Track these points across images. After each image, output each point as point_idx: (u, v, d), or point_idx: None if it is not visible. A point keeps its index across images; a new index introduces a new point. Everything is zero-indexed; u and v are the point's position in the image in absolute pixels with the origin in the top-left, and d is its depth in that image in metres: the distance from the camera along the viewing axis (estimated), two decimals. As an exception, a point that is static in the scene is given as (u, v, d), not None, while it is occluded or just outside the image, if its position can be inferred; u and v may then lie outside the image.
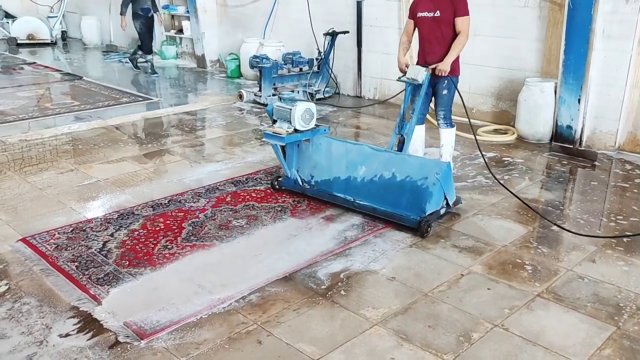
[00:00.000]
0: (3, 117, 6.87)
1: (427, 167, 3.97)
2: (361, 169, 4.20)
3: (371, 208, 4.07)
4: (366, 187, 4.16)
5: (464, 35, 4.50)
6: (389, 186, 4.05)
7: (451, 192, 4.05)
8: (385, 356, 2.68)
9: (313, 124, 4.33)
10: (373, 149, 4.29)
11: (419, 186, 3.92)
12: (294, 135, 4.25)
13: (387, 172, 4.07)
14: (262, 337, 2.82)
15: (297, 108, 4.18)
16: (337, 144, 4.46)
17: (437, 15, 4.55)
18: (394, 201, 4.00)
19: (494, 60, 6.52)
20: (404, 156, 4.23)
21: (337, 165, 4.34)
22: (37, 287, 3.24)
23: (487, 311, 3.03)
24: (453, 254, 3.64)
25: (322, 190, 4.37)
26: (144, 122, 6.90)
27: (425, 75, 4.50)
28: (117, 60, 11.14)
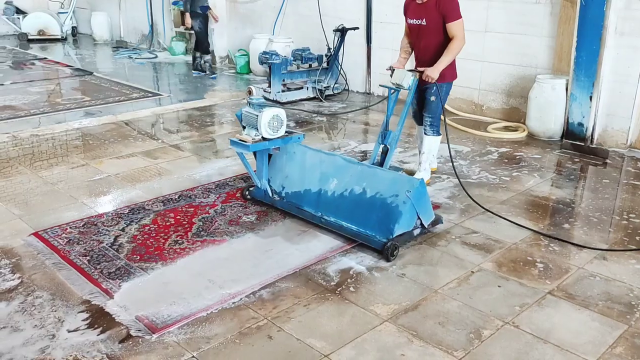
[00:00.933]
0: (15, 112, 6.92)
1: (399, 184, 3.63)
2: (333, 181, 3.90)
3: (338, 226, 3.74)
4: (336, 202, 3.84)
5: (458, 39, 4.26)
6: (358, 202, 3.74)
7: (426, 211, 3.69)
8: (396, 352, 2.69)
9: (282, 132, 3.98)
10: (346, 160, 4.00)
11: (389, 204, 3.59)
12: (260, 143, 3.92)
13: (358, 186, 3.77)
14: (272, 332, 2.83)
15: (264, 114, 3.83)
16: (312, 153, 4.15)
17: (423, 23, 4.36)
18: (363, 219, 3.67)
19: (504, 57, 6.49)
20: (376, 170, 3.90)
21: (310, 176, 4.04)
22: (50, 281, 3.27)
23: (498, 308, 3.03)
24: (463, 251, 3.63)
25: (291, 203, 4.07)
26: (154, 118, 6.92)
27: (412, 81, 4.24)
28: (127, 56, 11.18)
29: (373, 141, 5.91)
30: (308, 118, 6.82)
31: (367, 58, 7.92)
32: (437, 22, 4.31)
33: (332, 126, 6.68)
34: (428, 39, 4.39)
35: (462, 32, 4.28)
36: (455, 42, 4.26)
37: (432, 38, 4.38)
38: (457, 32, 4.26)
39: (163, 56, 11.12)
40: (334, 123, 6.77)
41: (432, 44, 4.38)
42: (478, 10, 6.53)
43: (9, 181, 4.78)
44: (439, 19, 4.30)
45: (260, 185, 4.21)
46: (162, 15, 11.52)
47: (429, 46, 4.39)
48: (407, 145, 5.82)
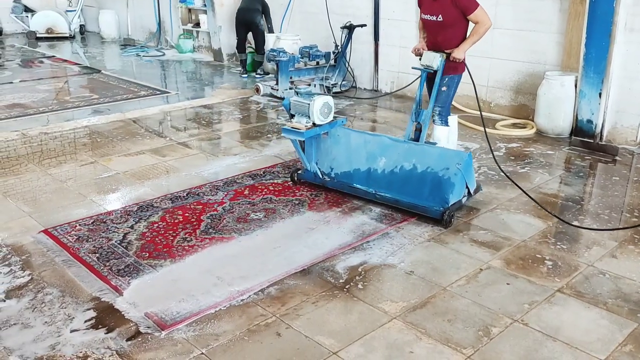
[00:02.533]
0: (24, 110, 6.96)
1: (448, 158, 3.95)
2: (381, 160, 4.19)
3: (394, 200, 4.06)
4: (387, 179, 4.15)
5: (482, 24, 4.30)
6: (410, 177, 4.05)
7: (472, 180, 4.04)
8: (405, 349, 2.68)
9: (331, 117, 4.31)
10: (392, 139, 4.28)
11: (441, 177, 3.91)
12: (313, 129, 4.23)
13: (408, 163, 4.06)
14: (281, 329, 2.84)
15: (316, 102, 4.15)
16: (356, 135, 4.43)
17: (439, 20, 4.35)
18: (416, 192, 3.99)
19: (513, 54, 6.45)
20: (424, 147, 4.20)
21: (357, 157, 4.32)
22: (59, 278, 3.29)
23: (507, 306, 3.02)
24: (472, 249, 3.62)
25: (342, 182, 4.36)
26: (162, 116, 6.94)
27: (440, 61, 4.37)
28: (135, 54, 11.21)
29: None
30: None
31: (374, 55, 7.90)
32: (455, 17, 4.32)
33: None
34: (446, 34, 4.40)
35: (486, 15, 4.32)
36: (479, 27, 4.32)
37: (450, 33, 4.39)
38: (481, 18, 4.30)
39: (170, 54, 11.14)
40: (341, 120, 6.76)
41: (451, 37, 4.40)
42: (487, 6, 6.36)
43: (18, 179, 4.81)
44: (457, 14, 4.31)
45: (310, 168, 4.49)
46: (170, 12, 11.54)
47: (448, 40, 4.40)
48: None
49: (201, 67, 10.03)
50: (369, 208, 4.18)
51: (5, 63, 10.30)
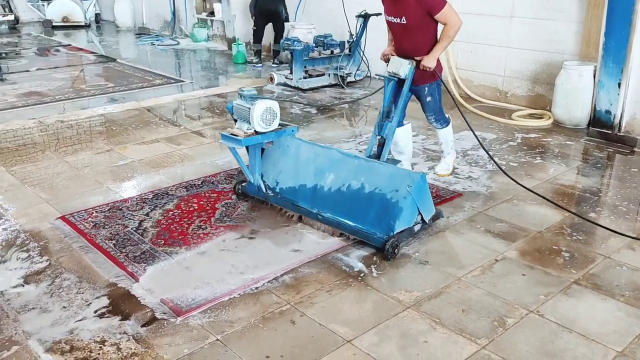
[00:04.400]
0: (40, 98, 7.02)
1: (399, 178, 3.46)
2: (329, 176, 3.73)
3: (336, 222, 3.58)
4: (333, 198, 3.67)
5: (451, 25, 3.88)
6: (356, 198, 3.57)
7: (428, 206, 3.54)
8: (419, 339, 2.68)
9: (275, 125, 3.79)
10: (342, 154, 3.83)
11: (388, 200, 3.43)
12: (252, 137, 3.74)
13: (356, 181, 3.60)
14: (295, 317, 2.85)
15: (257, 107, 3.65)
16: (306, 147, 3.96)
17: (403, 22, 3.93)
18: (361, 215, 3.51)
19: (530, 43, 6.37)
20: (374, 164, 3.70)
21: (304, 171, 3.86)
22: (77, 264, 3.33)
23: (522, 297, 3.00)
24: (487, 239, 3.60)
25: (286, 199, 3.90)
26: (176, 104, 6.96)
27: (408, 69, 3.97)
28: (150, 42, 11.24)
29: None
30: (329, 105, 6.80)
31: (389, 44, 7.83)
32: (420, 19, 3.90)
33: (353, 113, 6.65)
34: (413, 39, 3.99)
35: (455, 15, 3.90)
36: (448, 29, 3.90)
37: (417, 37, 3.97)
38: (448, 18, 3.89)
39: (185, 43, 11.16)
40: (355, 110, 6.74)
41: (419, 42, 3.99)
42: (504, -5, 6.41)
43: (36, 166, 4.86)
44: (422, 15, 3.89)
45: (253, 180, 4.02)
46: (184, 1, 11.54)
47: (416, 46, 4.00)
48: (431, 132, 5.76)
49: (215, 56, 10.03)
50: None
51: (22, 51, 10.39)
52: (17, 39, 11.96)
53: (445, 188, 4.36)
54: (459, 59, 7.07)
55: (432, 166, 4.82)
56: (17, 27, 13.31)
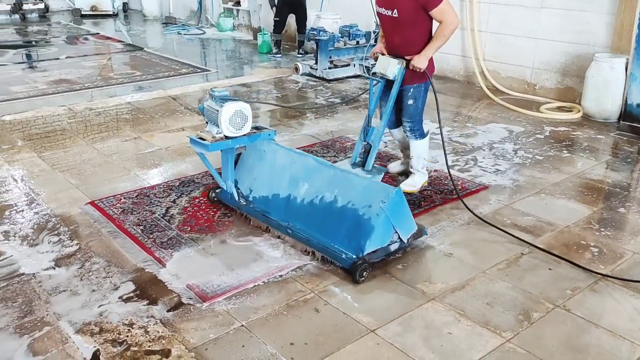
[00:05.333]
0: (70, 86, 7.14)
1: (372, 192, 3.14)
2: (303, 186, 3.43)
3: (305, 238, 3.28)
4: (306, 210, 3.38)
5: (447, 23, 3.56)
6: (329, 212, 3.27)
7: (405, 223, 3.20)
8: (443, 330, 2.68)
9: (247, 129, 3.52)
10: (318, 162, 3.49)
11: (360, 216, 3.12)
12: (221, 142, 3.46)
13: (330, 193, 3.30)
14: (319, 305, 2.87)
15: (224, 110, 3.37)
16: (283, 153, 3.66)
17: (395, 15, 3.60)
18: (333, 231, 3.20)
19: (561, 34, 6.25)
20: (349, 175, 3.38)
21: (279, 179, 3.57)
22: (105, 248, 3.40)
23: (548, 291, 2.97)
24: (513, 232, 3.56)
25: (257, 209, 3.60)
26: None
27: (397, 69, 3.66)
28: (176, 32, 11.33)
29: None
30: (354, 95, 6.78)
31: (416, 35, 7.77)
32: (413, 13, 3.57)
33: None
34: (404, 36, 3.66)
35: (451, 13, 3.57)
36: (443, 28, 3.59)
37: (409, 34, 3.65)
38: (445, 16, 3.56)
39: (211, 32, 11.22)
40: (380, 101, 6.71)
41: (410, 39, 3.66)
42: (534, -15, 6.30)
43: (65, 152, 4.95)
44: (416, 10, 3.56)
45: (226, 187, 3.76)
46: (211, -9, 11.60)
47: (407, 43, 3.67)
48: (457, 124, 5.72)
49: (241, 46, 10.07)
50: (408, 189, 4.16)
51: (52, 39, 10.57)
52: (47, 27, 12.17)
53: (470, 180, 4.33)
54: (486, 50, 6.98)
55: (455, 161, 4.78)
56: (47, 15, 13.52)
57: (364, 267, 3.02)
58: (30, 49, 9.81)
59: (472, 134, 5.39)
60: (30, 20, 12.99)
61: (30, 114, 5.97)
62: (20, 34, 11.22)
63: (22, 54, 9.40)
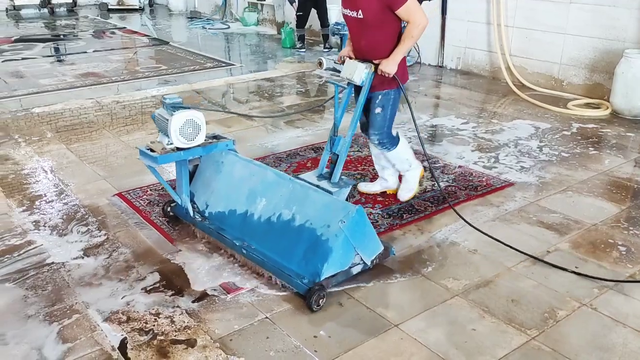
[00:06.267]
0: (97, 79, 7.26)
1: (332, 211, 2.87)
2: (261, 202, 3.17)
3: (260, 259, 3.02)
4: (263, 228, 3.11)
5: (415, 24, 3.25)
6: (286, 231, 3.00)
7: (368, 244, 2.95)
8: (467, 327, 2.67)
9: (200, 139, 3.24)
10: (277, 175, 3.23)
11: (318, 237, 2.86)
12: (171, 154, 3.20)
13: (288, 210, 3.03)
14: (342, 299, 2.88)
15: (174, 119, 3.10)
16: (242, 164, 3.39)
17: (360, 16, 3.31)
18: (288, 253, 2.94)
19: (589, 30, 6.14)
20: (309, 191, 3.06)
21: (237, 194, 3.30)
22: (132, 239, 3.46)
23: (574, 290, 2.94)
24: (539, 230, 3.53)
25: (211, 226, 3.33)
26: (226, 87, 7.07)
27: (365, 74, 3.36)
28: (201, 26, 11.41)
29: (444, 115, 5.81)
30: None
31: (441, 30, 7.71)
32: (379, 14, 3.27)
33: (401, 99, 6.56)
34: (370, 38, 3.36)
35: (418, 12, 3.27)
36: (413, 28, 3.27)
37: (376, 36, 3.35)
38: (412, 15, 3.26)
39: (235, 27, 11.27)
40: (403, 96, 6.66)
41: (377, 42, 3.36)
42: (563, -21, 6.19)
43: (93, 144, 5.04)
44: (381, 10, 3.26)
45: (181, 202, 3.50)
46: (235, -15, 11.65)
47: (374, 46, 3.38)
48: (482, 120, 5.66)
49: (264, 40, 10.10)
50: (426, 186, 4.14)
51: (79, 33, 10.73)
52: (74, 21, 12.36)
53: (495, 177, 4.29)
54: (513, 45, 6.89)
55: (479, 157, 4.73)
56: (74, 9, 13.73)
57: (321, 294, 2.75)
58: (59, 42, 9.98)
59: (497, 130, 5.34)
60: (58, 14, 13.21)
61: (59, 107, 6.09)
62: (48, 28, 11.42)
63: (51, 47, 9.56)
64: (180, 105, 3.23)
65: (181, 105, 3.24)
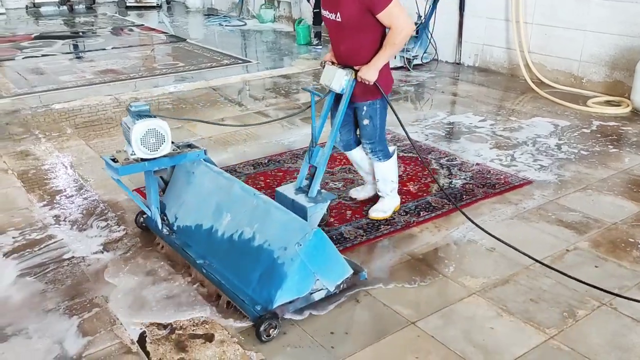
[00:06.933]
0: (116, 76, 7.32)
1: (290, 232, 2.64)
2: (226, 217, 2.98)
3: (217, 280, 2.82)
4: (225, 247, 2.92)
5: (397, 29, 3.00)
6: (246, 251, 2.80)
7: (330, 269, 2.70)
8: (484, 325, 2.66)
9: (165, 150, 3.03)
10: (244, 190, 3.02)
11: (275, 260, 2.64)
12: (134, 165, 3.00)
13: (249, 228, 2.83)
14: (359, 296, 2.88)
15: (135, 129, 2.92)
16: (211, 176, 3.19)
17: (338, 19, 3.08)
18: (246, 275, 2.74)
19: (610, 26, 6.05)
20: (271, 208, 2.84)
21: (205, 207, 3.11)
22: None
23: (594, 289, 2.90)
24: (558, 229, 3.49)
25: (177, 241, 3.16)
26: (243, 84, 7.09)
27: (346, 81, 3.11)
28: (218, 23, 11.46)
29: (461, 112, 5.77)
30: (395, 87, 6.73)
31: (459, 27, 7.65)
32: (358, 16, 3.02)
33: (419, 96, 6.56)
34: (350, 43, 3.13)
35: (402, 17, 3.01)
36: (395, 34, 3.02)
37: (356, 40, 3.11)
38: (394, 20, 2.99)
39: (252, 24, 11.30)
40: (421, 93, 6.65)
41: (357, 47, 3.13)
42: (584, -25, 6.11)
43: (112, 140, 5.09)
44: (362, 13, 3.01)
45: (151, 213, 3.32)
46: (252, -18, 11.67)
47: (353, 51, 3.14)
48: (500, 117, 5.62)
49: (281, 37, 10.11)
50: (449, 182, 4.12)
51: (98, 30, 10.83)
52: (93, 18, 12.48)
53: (514, 175, 4.26)
54: (532, 42, 6.82)
55: (497, 155, 4.70)
56: (93, 7, 13.86)
57: (272, 323, 2.54)
58: (78, 39, 10.09)
59: (516, 127, 5.29)
60: (77, 11, 13.35)
61: (78, 103, 6.16)
62: (68, 25, 11.55)
63: (70, 44, 9.67)
64: (147, 113, 3.02)
65: (147, 113, 3.02)
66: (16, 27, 11.22)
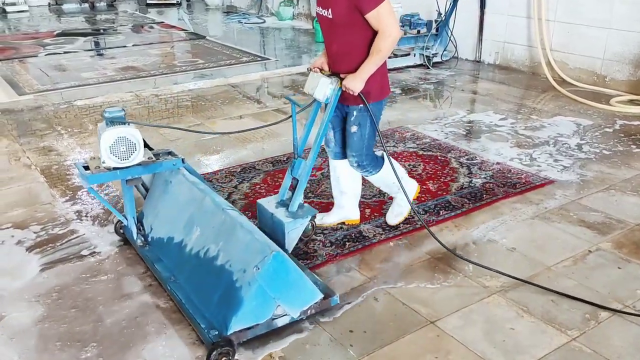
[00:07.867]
0: (136, 73, 7.39)
1: (251, 253, 2.46)
2: (196, 232, 2.84)
3: (179, 299, 2.69)
4: (192, 263, 2.78)
5: (385, 34, 2.80)
6: (209, 270, 2.65)
7: (294, 295, 2.49)
8: (505, 326, 2.63)
9: (137, 158, 2.91)
10: (214, 203, 2.85)
11: (233, 282, 2.47)
12: (105, 173, 2.89)
13: (215, 246, 2.68)
14: (378, 295, 2.87)
15: (104, 137, 2.80)
16: (187, 187, 3.04)
17: (329, 16, 2.91)
18: (207, 296, 2.59)
19: (634, 24, 5.94)
20: (237, 225, 2.65)
21: (179, 219, 2.98)
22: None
23: (617, 291, 2.86)
24: (580, 229, 3.45)
25: (148, 253, 3.07)
26: (262, 82, 7.11)
27: (330, 90, 2.93)
28: (237, 20, 11.50)
29: (481, 111, 5.72)
30: (414, 85, 6.70)
31: (479, 24, 7.58)
32: (347, 13, 2.84)
33: (438, 94, 6.51)
34: (341, 42, 2.94)
35: (390, 21, 2.82)
36: (382, 39, 2.82)
37: (346, 40, 2.91)
38: (382, 23, 2.80)
39: (270, 21, 11.32)
40: (440, 91, 6.60)
41: (347, 47, 2.93)
42: (608, -28, 6.01)
43: (132, 137, 5.13)
44: (350, 10, 2.83)
45: (127, 223, 3.22)
46: (271, -20, 11.69)
47: (343, 52, 2.95)
48: (520, 116, 5.56)
49: (300, 35, 10.11)
50: (472, 180, 4.08)
51: (119, 28, 10.94)
52: (114, 16, 12.60)
53: (535, 174, 4.21)
54: (554, 40, 6.73)
55: (518, 154, 4.65)
56: (114, 4, 14.00)
57: (225, 350, 2.34)
58: (99, 36, 10.20)
59: (537, 126, 5.23)
60: (98, 9, 13.49)
61: (99, 100, 6.23)
62: (89, 23, 11.68)
63: (91, 41, 9.78)
64: (120, 120, 2.91)
65: (121, 120, 2.91)
66: (39, 25, 11.38)
